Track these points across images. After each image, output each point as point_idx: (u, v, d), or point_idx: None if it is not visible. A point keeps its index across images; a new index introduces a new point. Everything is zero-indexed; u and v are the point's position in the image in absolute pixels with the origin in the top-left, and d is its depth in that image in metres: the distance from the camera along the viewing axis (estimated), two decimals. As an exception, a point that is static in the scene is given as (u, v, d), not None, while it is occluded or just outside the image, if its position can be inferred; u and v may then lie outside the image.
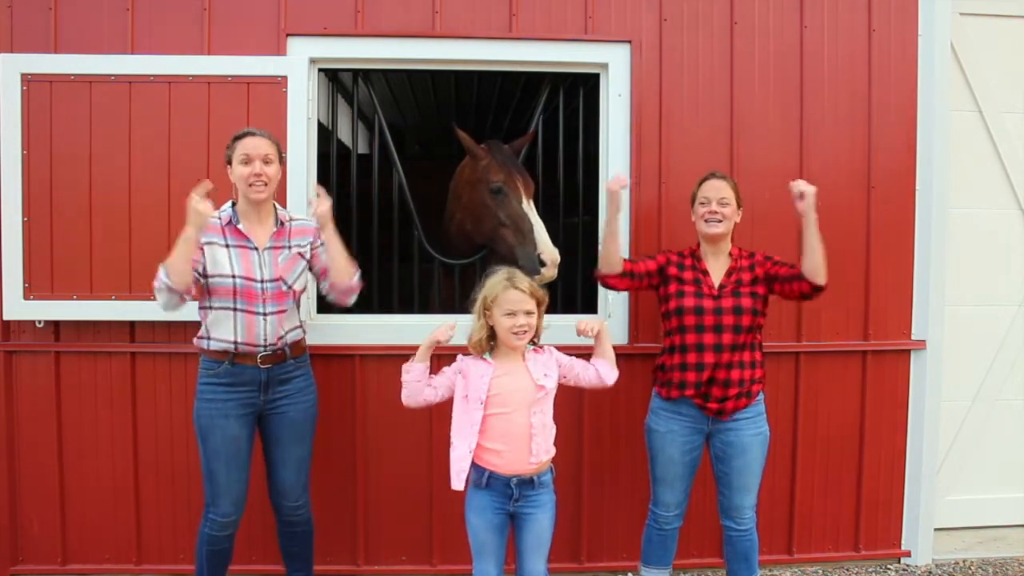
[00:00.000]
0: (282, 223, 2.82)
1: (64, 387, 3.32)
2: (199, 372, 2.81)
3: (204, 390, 2.78)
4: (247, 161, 2.70)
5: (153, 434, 3.34)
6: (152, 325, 3.29)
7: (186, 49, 3.26)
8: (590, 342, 2.75)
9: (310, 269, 2.90)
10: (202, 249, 2.69)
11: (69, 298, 3.21)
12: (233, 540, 2.87)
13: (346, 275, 2.82)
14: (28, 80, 3.16)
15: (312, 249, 2.87)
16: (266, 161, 2.72)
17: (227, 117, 3.19)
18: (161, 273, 2.61)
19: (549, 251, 3.40)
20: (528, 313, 2.52)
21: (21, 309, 3.22)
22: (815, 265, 2.77)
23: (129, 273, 3.20)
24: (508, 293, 2.52)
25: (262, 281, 2.73)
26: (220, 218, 2.75)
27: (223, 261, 2.71)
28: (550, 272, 3.37)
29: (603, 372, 2.74)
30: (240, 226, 2.75)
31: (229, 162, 2.76)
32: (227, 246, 2.73)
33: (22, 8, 3.25)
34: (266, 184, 2.72)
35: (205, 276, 2.70)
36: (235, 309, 2.71)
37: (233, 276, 2.70)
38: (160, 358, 3.32)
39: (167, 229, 3.18)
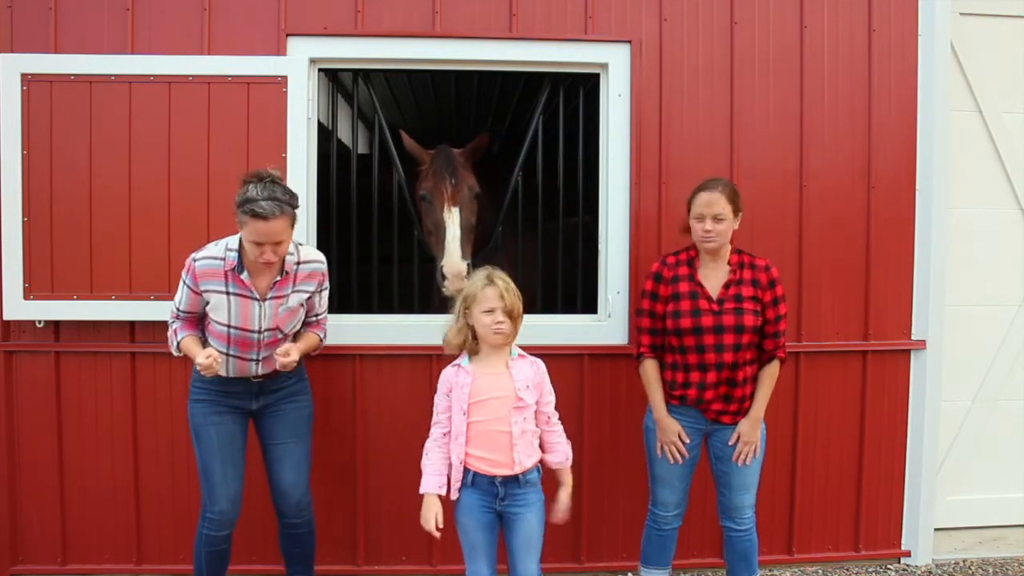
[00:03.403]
0: (287, 272, 2.72)
1: (64, 387, 3.32)
2: (192, 376, 2.82)
3: (197, 390, 2.80)
4: (257, 244, 2.55)
5: (153, 434, 3.34)
6: (152, 325, 3.29)
7: (186, 49, 3.26)
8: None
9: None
10: (199, 292, 2.68)
11: (69, 298, 3.20)
12: (231, 540, 2.87)
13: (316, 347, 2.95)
14: (28, 80, 3.16)
15: (319, 292, 2.85)
16: (277, 243, 2.57)
17: (227, 117, 3.19)
18: (174, 346, 2.74)
19: (450, 264, 3.17)
20: (507, 310, 2.51)
21: (21, 309, 3.22)
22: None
23: (129, 273, 3.20)
24: (487, 291, 2.52)
25: (259, 331, 2.72)
26: (224, 260, 2.66)
27: (222, 308, 2.67)
28: (451, 285, 3.15)
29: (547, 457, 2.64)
30: (243, 276, 2.67)
31: (240, 223, 2.58)
32: (227, 293, 2.67)
33: (22, 8, 3.25)
34: (274, 263, 2.63)
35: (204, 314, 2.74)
36: (228, 355, 2.73)
37: (228, 326, 2.69)
38: (160, 358, 3.32)
39: (167, 229, 3.19)
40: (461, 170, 3.53)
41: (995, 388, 3.84)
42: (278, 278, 2.71)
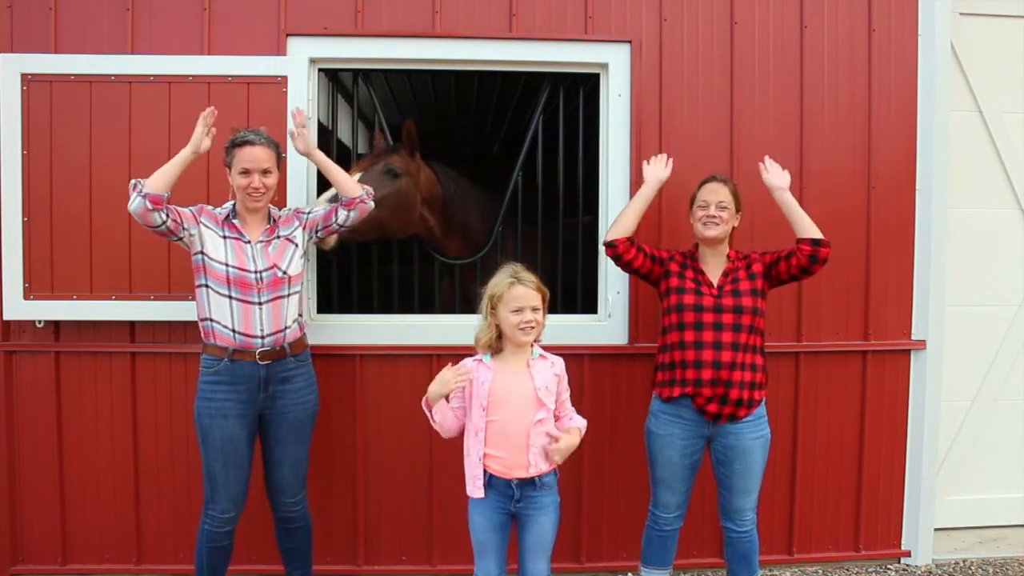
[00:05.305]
0: (274, 220, 2.93)
1: (64, 387, 3.32)
2: (200, 370, 2.83)
3: (204, 389, 2.81)
4: (246, 173, 2.78)
5: (153, 434, 3.34)
6: (152, 325, 3.29)
7: (186, 49, 3.26)
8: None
9: (317, 233, 2.99)
10: (196, 219, 2.80)
11: (69, 298, 3.21)
12: (233, 537, 2.88)
13: (354, 188, 2.96)
14: (28, 80, 3.16)
15: (303, 221, 2.97)
16: (265, 173, 2.80)
17: (227, 117, 3.18)
18: (139, 180, 2.73)
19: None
20: (535, 309, 2.53)
21: (21, 309, 3.22)
22: (807, 226, 2.86)
23: (129, 273, 3.21)
24: (514, 289, 2.52)
25: (256, 271, 2.81)
26: (219, 213, 2.87)
27: (219, 248, 2.81)
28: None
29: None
30: (236, 222, 2.86)
31: (228, 166, 2.83)
32: (224, 237, 2.83)
33: (22, 8, 3.25)
34: (264, 194, 2.82)
35: (202, 252, 2.80)
36: (230, 297, 2.78)
37: (226, 265, 2.79)
38: (160, 358, 3.32)
39: (167, 229, 3.19)
40: (391, 154, 3.55)
41: (995, 388, 3.84)
42: (267, 226, 2.89)
